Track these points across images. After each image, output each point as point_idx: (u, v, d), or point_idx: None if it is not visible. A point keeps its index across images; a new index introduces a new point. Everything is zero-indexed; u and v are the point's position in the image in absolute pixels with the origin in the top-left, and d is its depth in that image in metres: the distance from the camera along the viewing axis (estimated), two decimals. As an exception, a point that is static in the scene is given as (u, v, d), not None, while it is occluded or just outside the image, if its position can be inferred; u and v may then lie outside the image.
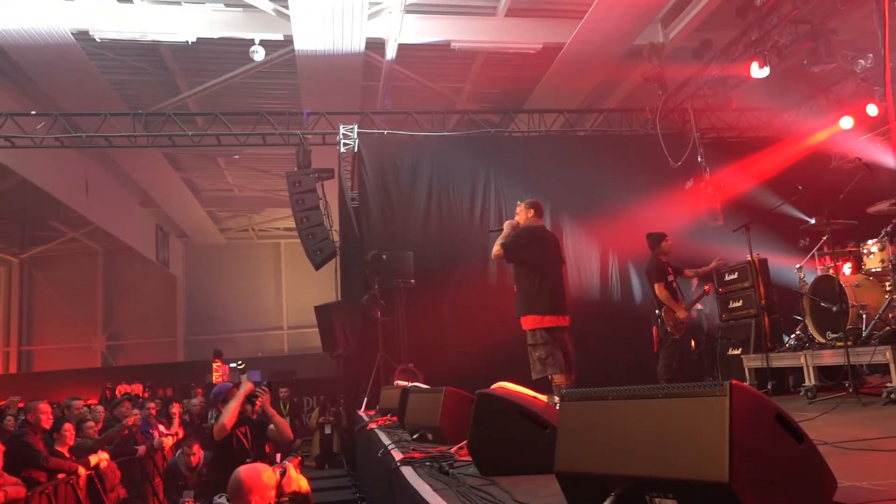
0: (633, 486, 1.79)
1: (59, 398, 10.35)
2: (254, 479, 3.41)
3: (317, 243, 10.67)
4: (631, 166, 10.45)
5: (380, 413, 6.66)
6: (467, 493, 2.46)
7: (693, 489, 1.63)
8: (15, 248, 22.38)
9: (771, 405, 1.75)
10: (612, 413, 1.91)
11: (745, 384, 1.69)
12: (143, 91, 13.38)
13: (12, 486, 4.87)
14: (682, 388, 1.74)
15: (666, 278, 7.43)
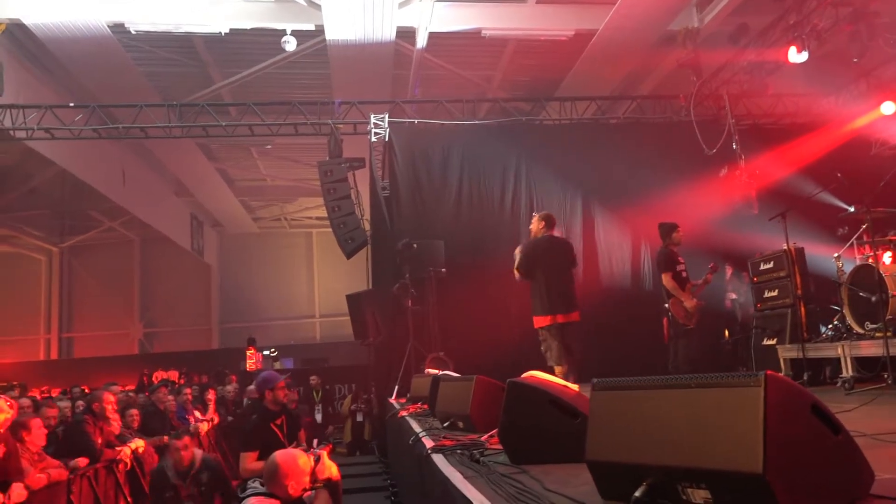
0: (665, 476, 1.78)
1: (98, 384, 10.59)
2: (290, 465, 3.47)
3: (348, 232, 10.74)
4: (664, 154, 10.31)
5: (411, 401, 6.70)
6: (498, 482, 2.47)
7: (726, 480, 1.62)
8: (55, 237, 22.90)
9: (807, 396, 1.72)
10: (645, 403, 1.90)
11: (780, 374, 1.67)
12: (177, 82, 13.55)
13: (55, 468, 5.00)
14: (717, 379, 1.72)
15: (674, 268, 7.34)
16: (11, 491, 4.25)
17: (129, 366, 19.55)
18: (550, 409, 2.84)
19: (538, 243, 6.55)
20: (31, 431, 4.83)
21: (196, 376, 17.01)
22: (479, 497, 2.27)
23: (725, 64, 10.63)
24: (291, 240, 25.08)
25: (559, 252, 6.62)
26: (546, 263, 6.47)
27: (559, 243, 6.78)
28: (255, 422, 5.27)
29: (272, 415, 5.24)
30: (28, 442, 4.76)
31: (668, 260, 7.38)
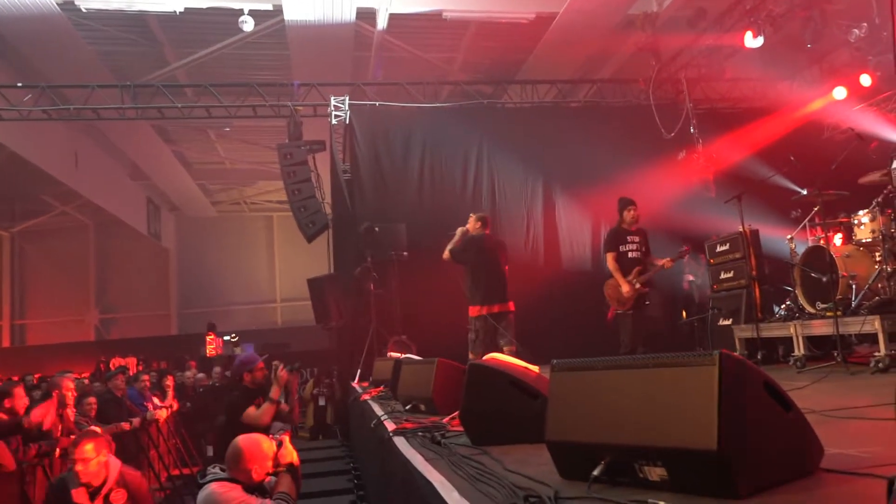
0: (622, 455, 1.80)
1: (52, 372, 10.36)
2: (253, 450, 3.45)
3: (309, 216, 10.64)
4: (624, 137, 10.41)
5: (373, 384, 6.70)
6: (459, 463, 2.48)
7: (682, 457, 1.65)
8: (6, 222, 22.23)
9: (760, 374, 1.76)
10: (602, 383, 1.92)
11: (734, 353, 1.70)
12: (131, 62, 13.19)
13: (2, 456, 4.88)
14: (672, 358, 1.74)
15: (618, 248, 7.23)
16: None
17: (85, 353, 19.16)
18: (511, 390, 2.86)
19: (476, 240, 6.97)
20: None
21: (155, 363, 16.75)
22: (440, 479, 2.28)
23: (684, 48, 10.76)
24: (251, 223, 24.75)
25: (494, 250, 7.04)
26: (482, 260, 6.88)
27: (495, 242, 7.23)
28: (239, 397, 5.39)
29: (252, 394, 5.29)
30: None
31: (612, 240, 7.31)
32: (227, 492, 3.33)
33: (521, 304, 9.25)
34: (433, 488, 2.17)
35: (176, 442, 9.47)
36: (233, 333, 20.50)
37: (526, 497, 1.79)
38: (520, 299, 9.25)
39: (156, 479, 8.38)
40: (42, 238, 23.13)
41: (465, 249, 6.90)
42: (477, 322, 6.85)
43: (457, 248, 6.91)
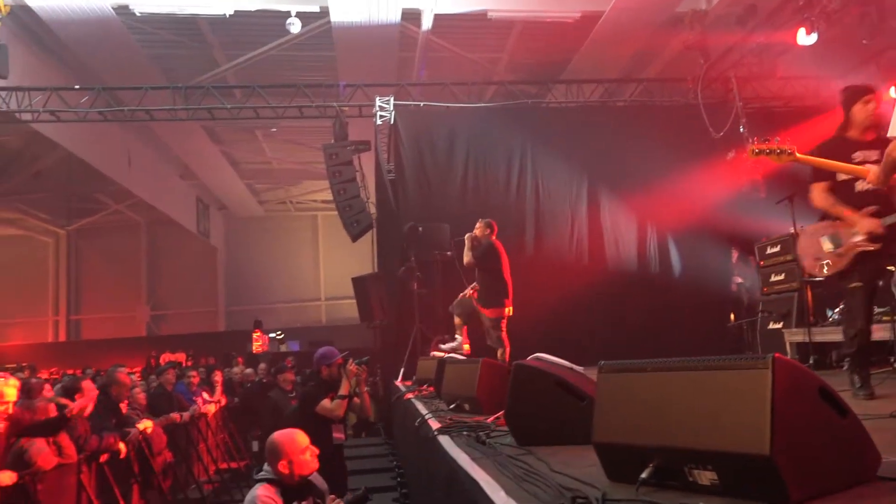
0: (671, 458, 1.79)
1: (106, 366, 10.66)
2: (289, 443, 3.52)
3: (354, 215, 10.75)
4: (671, 137, 10.27)
5: (417, 383, 6.74)
6: (504, 463, 2.48)
7: (733, 461, 1.63)
8: (62, 220, 22.98)
9: (814, 379, 1.72)
10: (651, 385, 1.91)
11: (788, 357, 1.67)
12: (181, 64, 13.53)
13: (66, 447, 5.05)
14: (724, 361, 1.72)
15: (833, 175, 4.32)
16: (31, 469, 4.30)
17: (137, 348, 19.69)
18: (557, 391, 2.85)
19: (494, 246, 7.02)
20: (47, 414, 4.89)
21: (203, 358, 17.12)
22: (486, 478, 2.29)
23: (733, 46, 10.54)
24: (297, 223, 25.10)
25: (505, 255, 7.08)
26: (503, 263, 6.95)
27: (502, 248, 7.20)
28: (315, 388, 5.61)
29: (328, 387, 5.47)
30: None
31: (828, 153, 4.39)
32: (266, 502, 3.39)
33: (565, 304, 9.24)
34: (479, 487, 2.18)
35: (224, 436, 9.66)
36: (278, 331, 20.87)
37: (573, 498, 1.79)
38: (563, 299, 9.25)
39: (205, 471, 8.57)
40: (96, 236, 23.85)
41: (486, 254, 6.98)
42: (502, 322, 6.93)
43: (479, 253, 7.01)
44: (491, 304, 6.92)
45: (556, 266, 9.94)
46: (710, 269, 10.17)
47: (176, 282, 24.04)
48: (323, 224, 24.42)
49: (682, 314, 9.78)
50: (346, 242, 11.99)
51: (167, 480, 7.10)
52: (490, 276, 6.97)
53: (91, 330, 23.49)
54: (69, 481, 5.19)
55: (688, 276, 10.25)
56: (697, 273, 10.16)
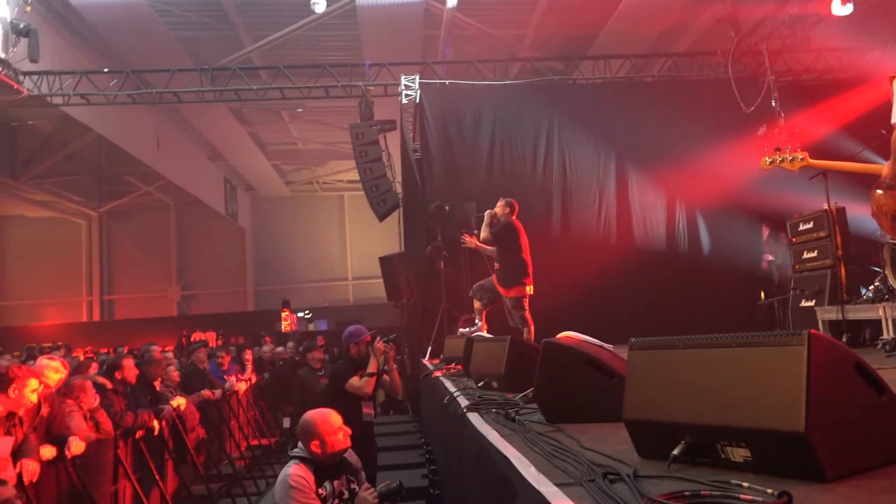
0: (703, 435, 1.78)
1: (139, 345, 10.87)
2: (322, 422, 3.55)
3: (380, 195, 10.77)
4: (700, 113, 10.11)
5: (444, 362, 6.77)
6: (534, 440, 2.49)
7: (767, 439, 1.61)
8: (94, 202, 23.34)
9: (851, 355, 1.70)
10: (683, 362, 1.89)
11: (823, 334, 1.65)
12: (208, 46, 13.58)
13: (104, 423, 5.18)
14: (758, 338, 1.70)
15: None
16: (70, 444, 4.43)
17: (168, 327, 20.03)
18: (587, 368, 2.85)
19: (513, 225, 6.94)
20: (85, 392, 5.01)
21: (233, 337, 17.37)
22: (516, 454, 2.29)
23: (765, 18, 10.32)
24: (323, 203, 25.23)
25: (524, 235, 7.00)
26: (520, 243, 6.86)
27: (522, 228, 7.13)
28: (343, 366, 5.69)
29: (357, 365, 5.55)
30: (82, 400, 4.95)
31: None
32: (297, 483, 3.41)
33: (592, 282, 9.21)
34: (510, 463, 2.19)
35: (255, 413, 9.83)
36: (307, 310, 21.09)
37: (604, 474, 1.79)
38: (591, 278, 9.21)
39: (236, 448, 8.74)
40: (127, 217, 24.21)
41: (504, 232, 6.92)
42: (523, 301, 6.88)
43: (496, 230, 6.95)
44: (511, 284, 6.88)
45: (584, 244, 9.89)
46: (740, 246, 10.05)
47: (205, 262, 24.37)
48: (349, 204, 24.53)
49: (711, 292, 9.70)
50: (373, 222, 12.03)
51: (200, 456, 7.25)
52: (509, 256, 6.92)
53: (124, 309, 23.96)
54: (107, 456, 5.33)
55: (717, 254, 10.15)
56: (727, 251, 10.05)
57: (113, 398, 5.69)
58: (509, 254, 6.91)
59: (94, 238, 24.16)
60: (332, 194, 25.19)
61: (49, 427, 4.55)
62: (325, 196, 25.27)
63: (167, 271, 24.36)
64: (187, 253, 24.51)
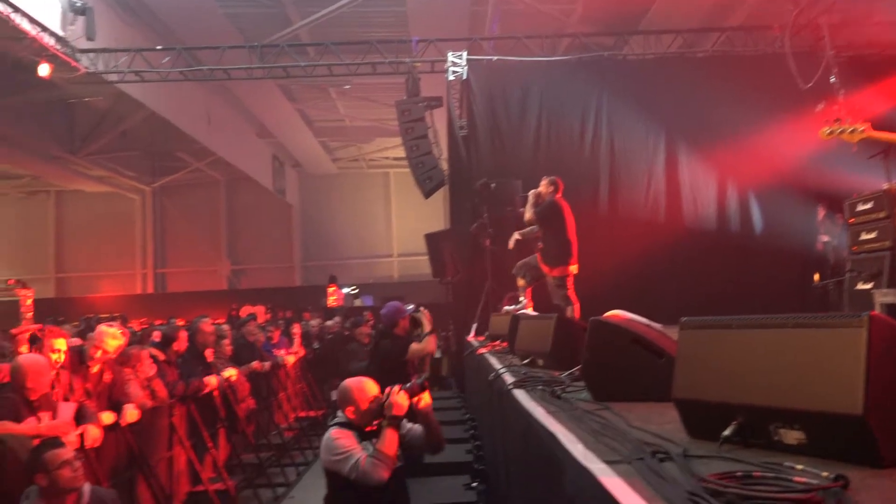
0: (756, 416, 1.76)
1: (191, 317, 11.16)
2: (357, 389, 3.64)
3: (426, 172, 10.78)
4: (754, 89, 9.84)
5: (489, 339, 6.80)
6: (581, 417, 2.49)
7: (823, 421, 1.59)
8: (147, 177, 23.92)
9: (913, 338, 1.66)
10: (736, 342, 1.87)
11: (885, 316, 1.61)
12: (257, 23, 13.69)
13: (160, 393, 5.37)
14: (815, 319, 1.67)
15: None
16: (125, 411, 4.62)
17: (218, 301, 20.52)
18: (634, 347, 2.83)
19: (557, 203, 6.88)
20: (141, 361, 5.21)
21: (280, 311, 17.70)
22: (563, 431, 2.30)
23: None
24: (369, 180, 25.40)
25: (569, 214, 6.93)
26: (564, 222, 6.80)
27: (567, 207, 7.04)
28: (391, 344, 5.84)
29: (406, 341, 5.76)
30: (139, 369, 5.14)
31: None
32: (340, 438, 3.51)
33: (640, 262, 9.09)
34: (557, 440, 2.19)
35: (302, 386, 10.04)
36: (353, 286, 21.35)
37: (653, 452, 1.79)
38: (638, 257, 9.10)
39: (284, 419, 8.95)
40: (178, 193, 24.78)
41: (548, 211, 6.85)
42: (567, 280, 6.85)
43: (540, 210, 6.89)
44: (554, 263, 6.85)
45: (631, 223, 9.76)
46: (794, 227, 9.79)
47: (254, 238, 24.82)
48: (395, 181, 24.64)
49: (763, 273, 9.50)
50: (418, 199, 12.06)
51: (251, 426, 7.46)
52: (553, 235, 6.88)
53: (176, 282, 24.63)
54: (162, 423, 5.53)
55: (770, 235, 9.91)
56: (780, 231, 9.80)
57: (166, 369, 5.89)
58: (554, 233, 6.87)
59: (148, 213, 24.81)
60: (378, 171, 25.33)
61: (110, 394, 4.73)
62: (371, 173, 25.43)
63: (217, 246, 24.89)
64: (236, 228, 24.99)
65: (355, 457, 3.41)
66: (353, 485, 3.42)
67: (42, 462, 3.20)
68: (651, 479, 1.58)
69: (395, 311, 5.92)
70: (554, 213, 6.82)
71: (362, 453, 3.43)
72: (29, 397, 3.90)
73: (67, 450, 3.35)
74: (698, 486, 1.46)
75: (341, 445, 3.47)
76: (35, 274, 23.02)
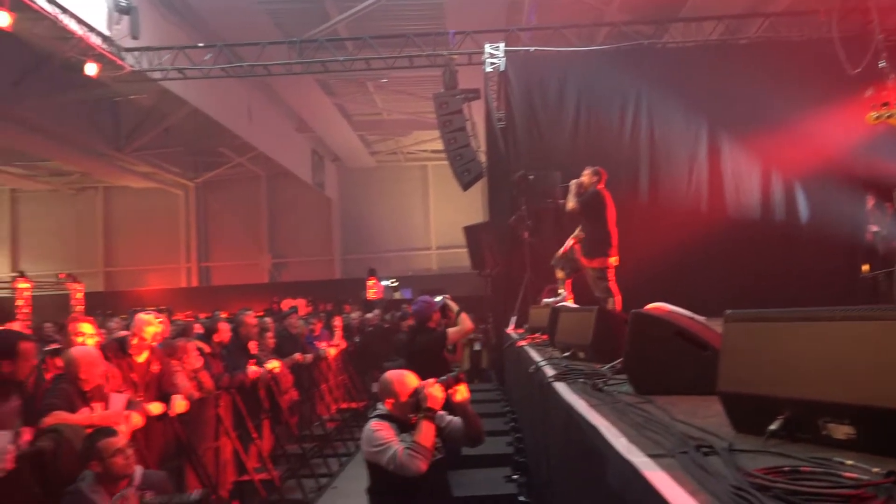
0: (804, 410, 1.74)
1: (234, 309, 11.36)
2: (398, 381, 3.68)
3: (464, 164, 10.78)
4: (800, 76, 9.60)
5: (528, 331, 6.79)
6: (623, 410, 2.48)
7: (873, 416, 1.56)
8: (190, 173, 24.38)
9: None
10: (783, 335, 1.84)
11: (938, 309, 1.57)
12: (295, 18, 13.80)
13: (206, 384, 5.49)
14: (867, 311, 1.64)
15: None
16: (173, 402, 4.74)
17: (260, 294, 20.84)
18: (677, 340, 2.80)
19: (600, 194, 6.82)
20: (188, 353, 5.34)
21: (321, 304, 17.91)
22: (605, 424, 2.29)
23: (875, -28, 9.64)
24: (407, 173, 25.50)
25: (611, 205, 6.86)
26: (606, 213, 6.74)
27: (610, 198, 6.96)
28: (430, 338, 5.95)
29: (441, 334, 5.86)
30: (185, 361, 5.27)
31: None
32: (379, 430, 3.55)
33: (681, 253, 8.98)
34: (599, 433, 2.19)
35: (344, 378, 10.16)
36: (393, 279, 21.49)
37: (698, 446, 1.77)
38: (680, 249, 8.98)
39: (326, 410, 9.07)
40: (221, 188, 25.22)
41: (591, 202, 6.79)
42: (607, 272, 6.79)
43: (582, 200, 6.83)
44: (594, 255, 6.79)
45: (672, 214, 9.62)
46: (841, 216, 9.53)
47: (294, 231, 25.14)
48: (433, 174, 24.70)
49: (808, 264, 9.29)
50: (456, 192, 12.06)
51: (294, 417, 7.59)
52: (594, 226, 6.80)
53: (219, 276, 25.10)
54: (208, 414, 5.65)
55: (816, 225, 9.66)
56: (828, 221, 9.55)
57: (211, 361, 6.01)
58: (595, 224, 6.80)
59: (191, 208, 25.30)
60: (416, 164, 25.41)
61: (159, 384, 4.86)
62: (409, 166, 25.52)
63: (259, 240, 25.27)
64: (277, 222, 25.34)
65: (393, 448, 3.45)
66: (394, 476, 3.46)
67: (96, 450, 3.33)
68: (695, 473, 1.57)
69: (426, 306, 5.98)
70: (597, 203, 6.75)
71: (399, 445, 3.46)
72: (82, 388, 4.03)
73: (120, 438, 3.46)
74: (744, 480, 1.45)
75: (380, 437, 3.52)
76: (85, 268, 23.70)
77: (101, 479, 3.35)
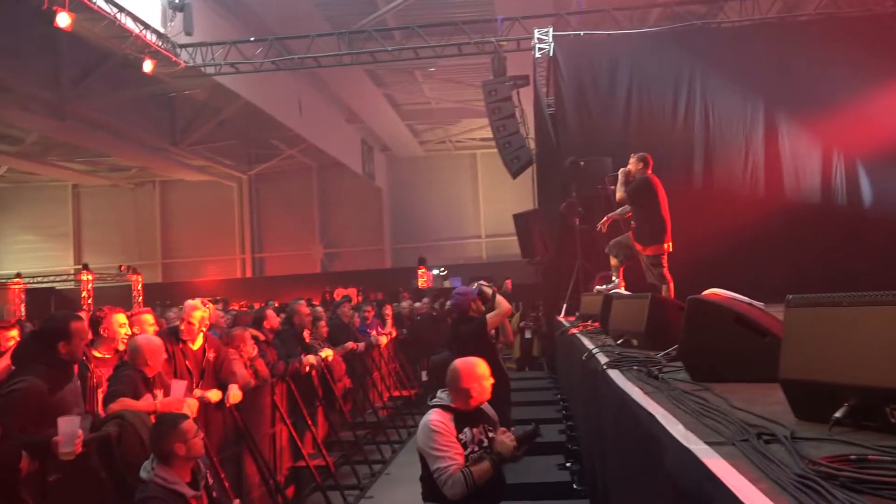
0: (870, 397, 1.68)
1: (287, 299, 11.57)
2: (469, 371, 3.64)
3: (513, 151, 10.73)
4: (861, 52, 9.24)
5: (581, 319, 6.73)
6: (680, 398, 2.43)
7: (945, 403, 1.51)
8: (243, 165, 24.87)
9: None
10: (847, 320, 1.78)
11: None
12: (344, 10, 13.91)
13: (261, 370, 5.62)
14: (937, 295, 1.58)
15: None
16: (229, 392, 4.86)
17: (313, 283, 21.16)
18: (736, 326, 2.74)
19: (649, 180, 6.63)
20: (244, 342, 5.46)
21: (372, 293, 18.08)
22: (662, 412, 2.25)
23: (945, -59, 9.20)
24: (456, 161, 25.50)
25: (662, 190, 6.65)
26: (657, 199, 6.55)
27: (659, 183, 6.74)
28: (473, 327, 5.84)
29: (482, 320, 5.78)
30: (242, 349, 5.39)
31: None
32: (440, 431, 3.50)
33: (738, 238, 8.76)
34: (656, 421, 2.15)
35: (395, 366, 10.25)
36: (442, 267, 21.55)
37: (758, 434, 1.73)
38: (737, 233, 8.77)
39: (379, 398, 9.18)
40: (273, 180, 25.65)
41: (640, 189, 6.63)
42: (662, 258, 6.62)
43: (631, 188, 6.67)
44: (648, 242, 6.65)
45: (728, 198, 9.40)
46: (906, 198, 9.18)
47: (345, 221, 25.43)
48: (482, 162, 24.64)
49: (871, 248, 8.96)
50: (506, 179, 12.01)
51: (347, 404, 7.70)
52: (646, 213, 6.66)
53: (273, 266, 25.59)
54: (264, 401, 5.78)
55: (880, 207, 9.32)
56: (891, 203, 9.20)
57: (266, 349, 6.14)
58: (647, 211, 6.66)
59: (245, 199, 25.82)
60: (465, 152, 25.40)
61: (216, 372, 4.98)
62: (457, 154, 25.52)
63: (310, 230, 25.65)
64: (329, 212, 25.67)
65: (447, 463, 3.40)
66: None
67: (181, 432, 3.40)
68: (757, 461, 1.53)
69: (462, 298, 5.95)
70: (647, 191, 6.62)
71: (455, 464, 3.40)
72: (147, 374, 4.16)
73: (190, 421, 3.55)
74: (808, 468, 1.41)
75: (440, 443, 3.46)
76: (144, 260, 24.46)
77: (174, 461, 3.40)
